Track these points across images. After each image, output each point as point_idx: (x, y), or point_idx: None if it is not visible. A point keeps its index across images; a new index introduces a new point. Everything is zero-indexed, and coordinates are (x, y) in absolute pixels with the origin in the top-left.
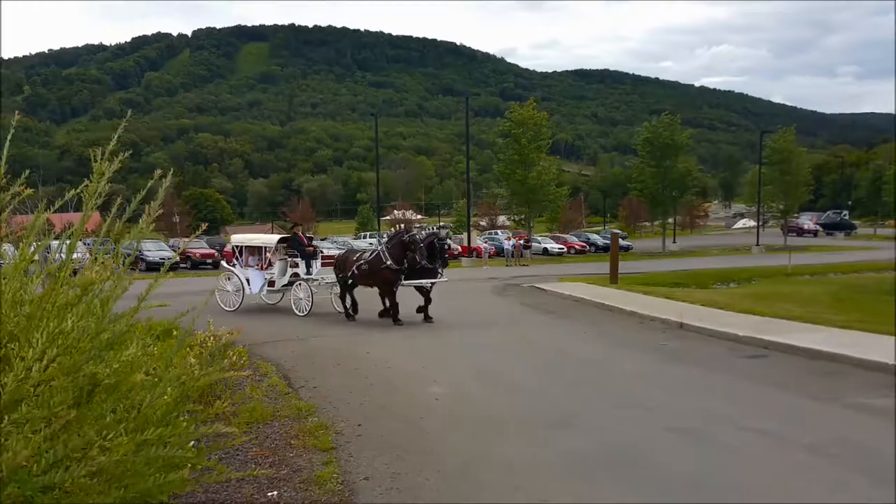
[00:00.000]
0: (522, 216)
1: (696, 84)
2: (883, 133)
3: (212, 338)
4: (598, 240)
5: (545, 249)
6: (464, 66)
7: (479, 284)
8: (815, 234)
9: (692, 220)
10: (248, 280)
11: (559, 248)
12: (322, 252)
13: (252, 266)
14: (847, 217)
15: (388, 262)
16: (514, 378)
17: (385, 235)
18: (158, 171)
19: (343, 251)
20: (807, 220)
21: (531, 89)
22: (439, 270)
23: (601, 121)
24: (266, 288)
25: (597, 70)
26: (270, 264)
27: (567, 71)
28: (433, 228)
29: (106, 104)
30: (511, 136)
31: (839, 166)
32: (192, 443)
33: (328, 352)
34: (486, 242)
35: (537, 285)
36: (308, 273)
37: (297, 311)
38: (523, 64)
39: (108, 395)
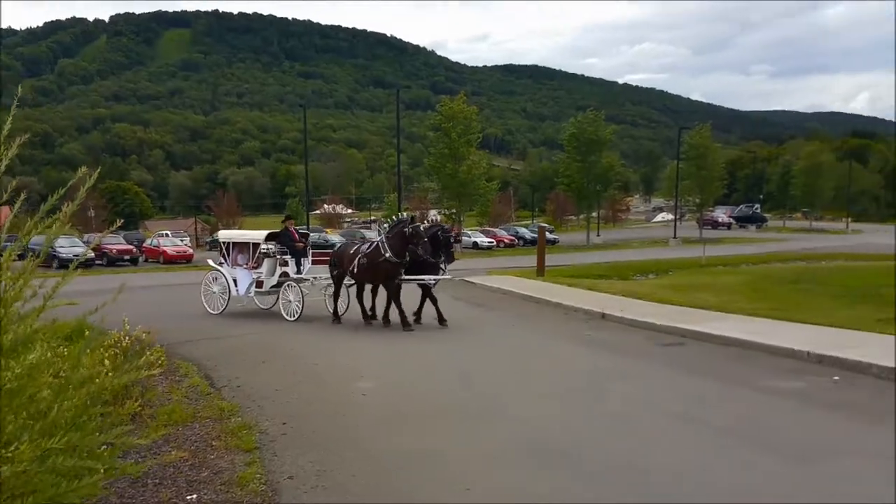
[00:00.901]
0: (453, 210)
1: (620, 81)
2: (791, 130)
3: (126, 338)
4: (527, 233)
5: (475, 243)
6: (395, 59)
7: None
8: (728, 226)
9: (615, 213)
10: (235, 280)
11: (489, 242)
12: (310, 247)
13: (240, 265)
14: (759, 210)
15: (388, 255)
16: (442, 370)
17: (385, 225)
18: (83, 169)
19: (339, 245)
20: (721, 214)
21: (462, 83)
22: (442, 266)
23: (530, 116)
24: (253, 289)
25: (526, 65)
26: (259, 263)
27: (497, 66)
28: (436, 219)
29: (15, 92)
30: (442, 130)
31: (752, 161)
32: (104, 446)
33: (253, 349)
34: None
35: (467, 279)
36: (298, 272)
37: (286, 316)
38: (454, 57)
39: (10, 401)
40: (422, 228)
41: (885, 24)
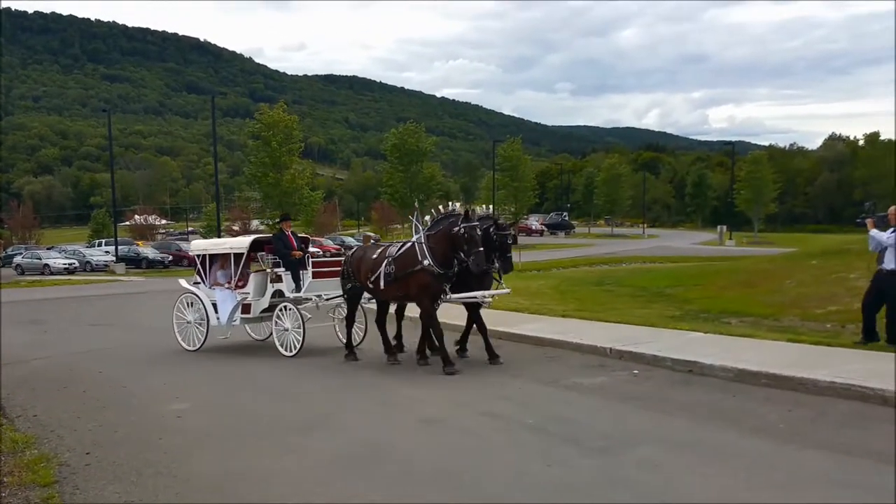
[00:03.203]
0: (276, 220)
1: (438, 95)
2: (593, 143)
3: None
4: (353, 242)
5: None
6: (209, 64)
7: None
8: (541, 233)
9: None
10: (214, 305)
11: (315, 252)
12: (311, 254)
13: (221, 284)
14: (567, 218)
15: (427, 262)
16: (263, 385)
17: (426, 221)
18: None
19: (355, 249)
20: (534, 221)
21: (282, 91)
22: (496, 276)
23: (353, 126)
24: (239, 314)
25: (346, 76)
26: (245, 280)
27: (318, 75)
28: (487, 211)
29: None
30: (262, 139)
31: (559, 173)
32: None
33: (53, 374)
34: None
35: None
36: (297, 290)
37: (281, 350)
38: (273, 65)
39: None
40: (478, 229)
41: (670, 48)
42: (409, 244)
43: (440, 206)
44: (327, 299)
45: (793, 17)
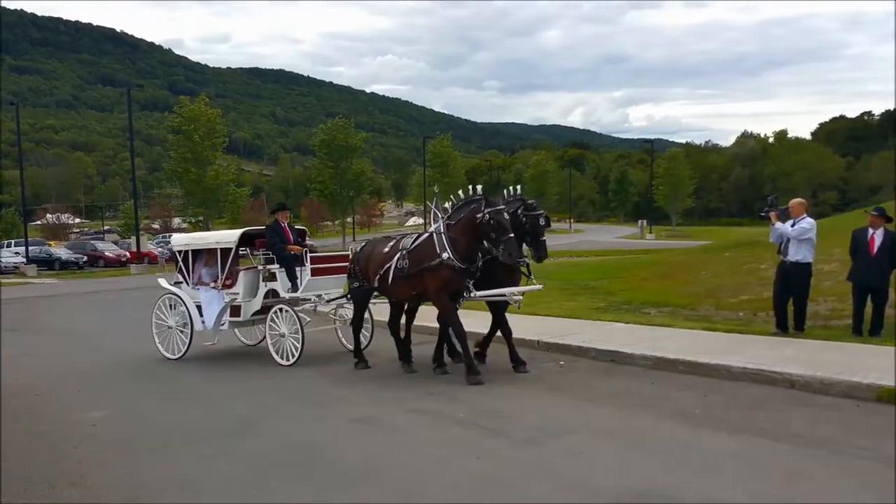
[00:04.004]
0: (200, 217)
1: (368, 90)
2: (521, 140)
3: None
4: None
5: None
6: (126, 56)
7: (154, 293)
8: None
9: (369, 218)
10: (199, 307)
11: (242, 251)
12: (312, 249)
13: (206, 283)
14: None
15: (447, 256)
16: (189, 391)
17: (447, 206)
18: None
19: (364, 244)
20: None
21: (204, 84)
22: (524, 269)
23: (280, 121)
24: (227, 318)
25: (272, 69)
26: (234, 279)
27: (243, 68)
28: (517, 193)
29: None
30: (183, 133)
31: (489, 169)
32: None
33: None
34: (160, 247)
35: None
36: (294, 289)
37: (277, 358)
38: (194, 57)
39: None
40: (505, 215)
41: (592, 49)
42: (425, 235)
43: (460, 192)
44: (329, 300)
45: (706, 21)
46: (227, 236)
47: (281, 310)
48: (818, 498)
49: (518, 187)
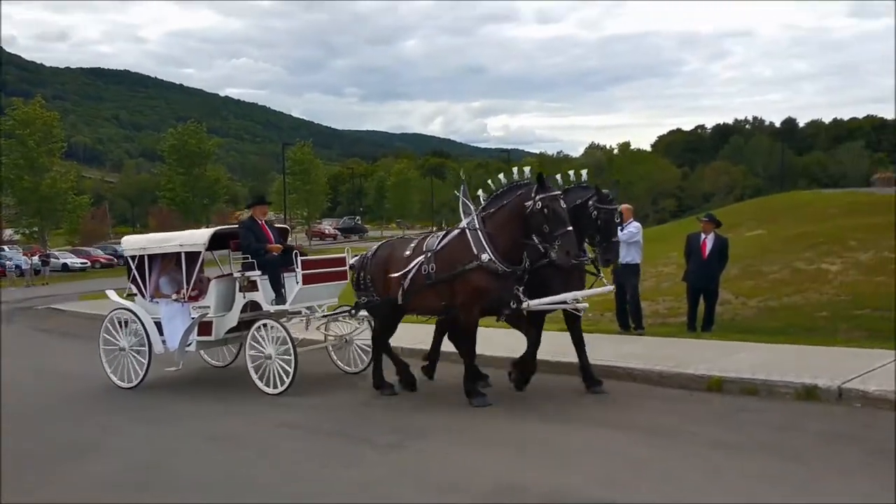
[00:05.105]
0: (35, 229)
1: (222, 94)
2: (383, 148)
3: None
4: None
5: (65, 265)
6: None
7: None
8: (335, 237)
9: None
10: (158, 325)
11: (81, 263)
12: (300, 250)
13: (167, 295)
14: (360, 222)
15: (487, 257)
16: (26, 413)
17: (481, 197)
18: None
19: (378, 246)
20: (328, 226)
21: (40, 85)
22: (594, 270)
23: (124, 124)
24: (195, 337)
25: (116, 70)
26: (200, 289)
27: (83, 68)
28: (582, 180)
29: None
30: (15, 137)
31: (351, 177)
32: None
33: None
34: (7, 260)
35: (55, 306)
36: (278, 301)
37: (260, 384)
38: (27, 55)
39: None
40: (560, 200)
41: (451, 59)
42: (455, 233)
43: (500, 176)
44: (322, 315)
45: (555, 36)
46: (194, 237)
47: (264, 326)
48: (660, 480)
49: (584, 172)
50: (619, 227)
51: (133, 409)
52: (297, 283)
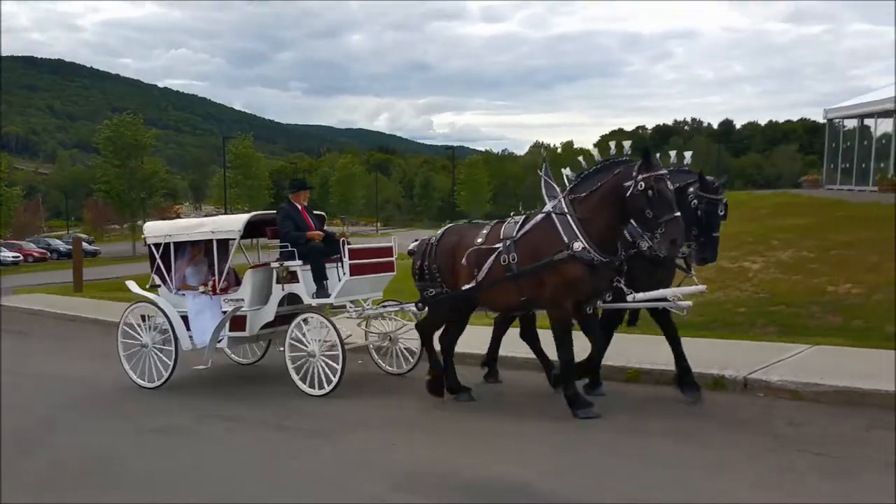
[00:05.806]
0: None
1: (160, 84)
2: (329, 143)
3: None
4: (61, 245)
5: None
6: None
7: None
8: None
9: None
10: (185, 319)
11: (14, 257)
12: (347, 240)
13: (194, 287)
14: None
15: (580, 245)
16: None
17: (568, 176)
18: None
19: (444, 231)
20: None
21: None
22: (684, 267)
23: (58, 114)
24: (226, 333)
25: (50, 59)
26: (230, 281)
27: (14, 56)
28: (684, 163)
29: None
30: None
31: (294, 172)
32: None
33: None
34: None
35: None
36: (321, 294)
37: (301, 385)
38: None
39: None
40: (668, 182)
41: (398, 55)
42: (538, 218)
43: (595, 150)
44: (372, 312)
45: (502, 34)
46: (228, 223)
47: (309, 320)
48: (582, 466)
49: (687, 154)
50: (722, 221)
51: (81, 400)
52: (344, 274)
